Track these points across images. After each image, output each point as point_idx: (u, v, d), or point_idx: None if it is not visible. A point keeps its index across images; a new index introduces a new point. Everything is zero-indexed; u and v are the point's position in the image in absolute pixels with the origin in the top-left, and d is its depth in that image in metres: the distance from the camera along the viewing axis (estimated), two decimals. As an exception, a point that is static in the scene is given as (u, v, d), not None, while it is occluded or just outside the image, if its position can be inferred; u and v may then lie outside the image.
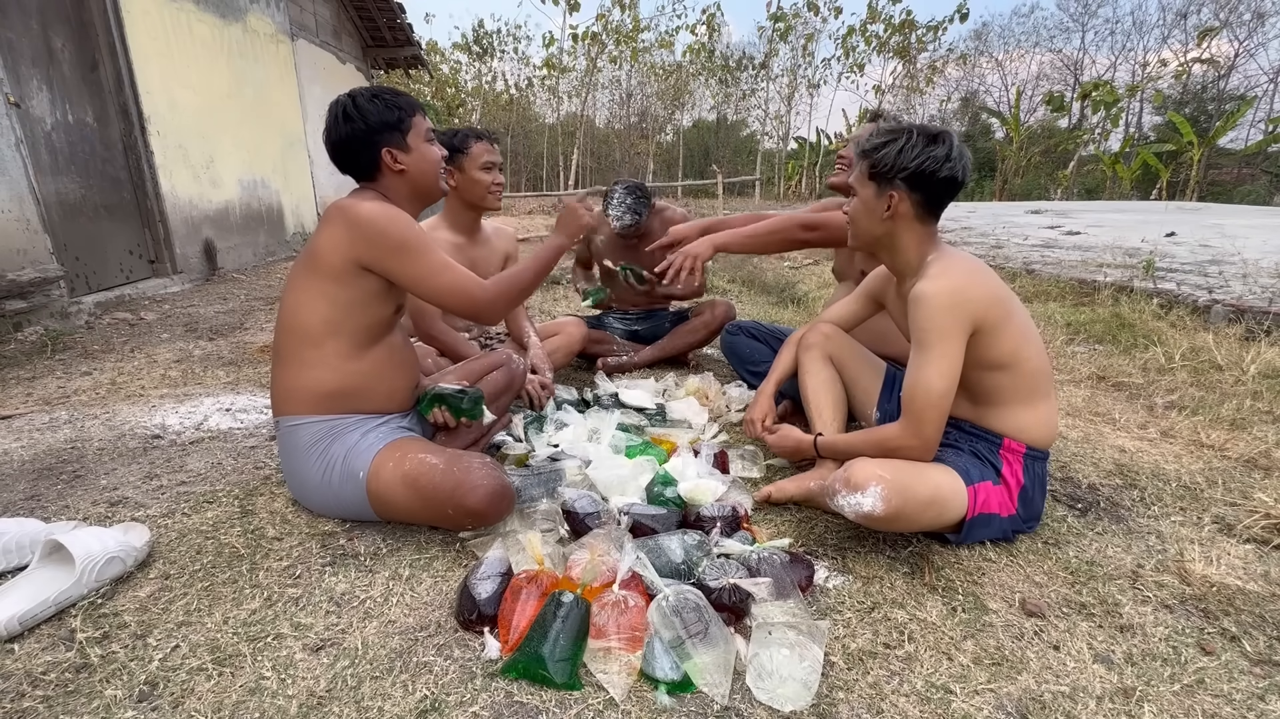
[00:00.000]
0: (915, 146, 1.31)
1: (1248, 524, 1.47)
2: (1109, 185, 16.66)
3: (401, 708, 0.95)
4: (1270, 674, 1.05)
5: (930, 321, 1.27)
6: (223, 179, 4.97)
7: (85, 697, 0.95)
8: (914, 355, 1.31)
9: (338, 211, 1.31)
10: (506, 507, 1.33)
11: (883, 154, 1.34)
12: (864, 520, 1.24)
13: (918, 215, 1.36)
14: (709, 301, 2.74)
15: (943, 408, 1.28)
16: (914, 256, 1.40)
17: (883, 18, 17.50)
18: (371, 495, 1.33)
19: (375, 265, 1.32)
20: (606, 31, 16.87)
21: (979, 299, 1.28)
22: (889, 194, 1.36)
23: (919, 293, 1.29)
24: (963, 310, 1.26)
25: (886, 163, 1.34)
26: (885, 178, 1.35)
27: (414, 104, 1.42)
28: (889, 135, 1.35)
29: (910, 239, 1.39)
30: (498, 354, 1.85)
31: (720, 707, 0.96)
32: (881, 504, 1.21)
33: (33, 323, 3.03)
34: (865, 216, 1.42)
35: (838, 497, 1.27)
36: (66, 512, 1.48)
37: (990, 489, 1.34)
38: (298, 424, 1.38)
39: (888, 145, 1.34)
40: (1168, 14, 25.25)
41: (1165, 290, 3.67)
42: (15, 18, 3.20)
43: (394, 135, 1.38)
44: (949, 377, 1.27)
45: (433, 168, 1.45)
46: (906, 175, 1.32)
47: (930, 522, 1.29)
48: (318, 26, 7.00)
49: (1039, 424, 1.37)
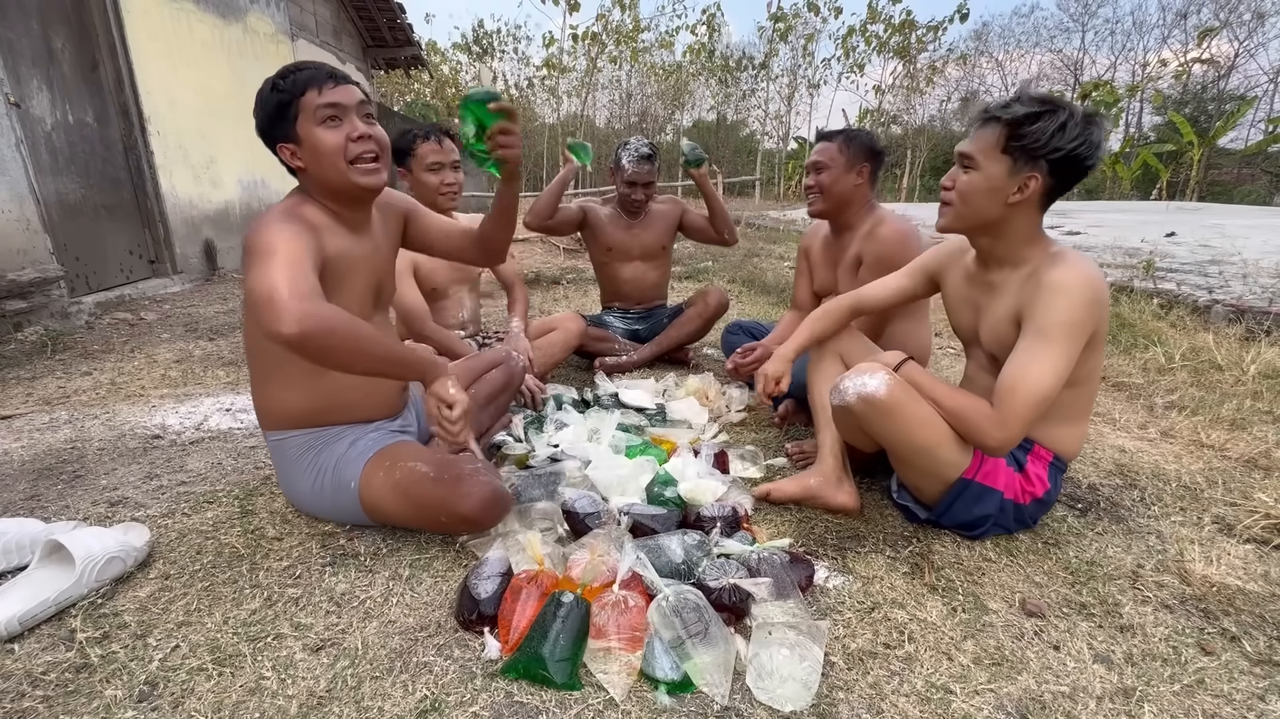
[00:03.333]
0: (1078, 126, 1.13)
1: (1248, 524, 1.47)
2: (1109, 185, 16.65)
3: (401, 708, 0.94)
4: (1270, 674, 1.05)
5: (1065, 314, 1.14)
6: (223, 179, 4.98)
7: (85, 697, 0.95)
8: (1031, 344, 1.17)
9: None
10: (501, 511, 1.30)
11: (1035, 128, 1.14)
12: (862, 404, 1.22)
13: (1041, 203, 1.22)
14: (702, 291, 2.70)
15: (1041, 410, 1.16)
16: (1026, 246, 1.26)
17: (883, 18, 17.47)
18: (365, 504, 1.32)
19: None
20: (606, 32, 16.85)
21: (1107, 305, 1.19)
22: (1027, 175, 1.17)
23: (1060, 281, 1.16)
24: (1097, 309, 1.16)
25: (1038, 139, 1.14)
26: (1030, 155, 1.16)
27: (305, 80, 1.18)
28: (1041, 106, 1.15)
29: (1026, 227, 1.24)
30: (495, 352, 1.84)
31: (720, 707, 0.96)
32: (884, 389, 1.19)
33: (33, 323, 3.03)
34: (986, 196, 1.22)
35: (844, 380, 1.25)
36: (66, 512, 1.48)
37: (1003, 467, 1.31)
38: (282, 438, 1.37)
39: (1042, 119, 1.13)
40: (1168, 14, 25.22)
41: (1165, 290, 3.67)
42: (15, 18, 3.20)
43: (283, 126, 1.19)
44: (1061, 376, 1.15)
45: (327, 157, 1.20)
46: (1059, 157, 1.14)
47: (924, 445, 1.25)
48: (318, 27, 7.00)
49: (1073, 439, 1.36)
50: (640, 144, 2.53)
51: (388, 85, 14.66)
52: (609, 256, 2.71)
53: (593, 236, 2.71)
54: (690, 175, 2.53)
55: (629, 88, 20.50)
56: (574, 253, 6.52)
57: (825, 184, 1.90)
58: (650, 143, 2.55)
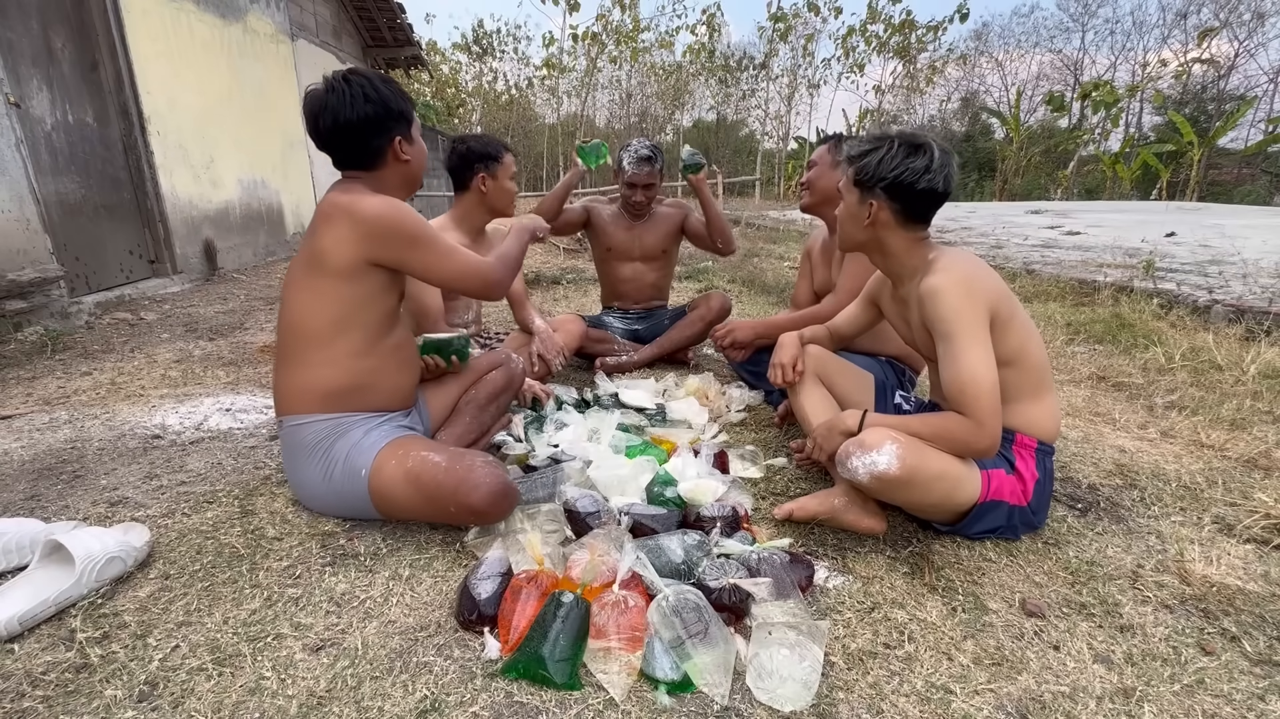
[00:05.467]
0: (895, 157, 1.31)
1: (1248, 524, 1.47)
2: (1109, 185, 16.66)
3: (401, 708, 0.94)
4: (1270, 674, 1.05)
5: (953, 311, 1.25)
6: (223, 179, 4.97)
7: (85, 697, 0.95)
8: (946, 350, 1.27)
9: (338, 210, 1.29)
10: (509, 505, 1.32)
11: (864, 162, 1.36)
12: (877, 483, 1.23)
13: (900, 223, 1.37)
14: (704, 295, 2.73)
15: (996, 396, 1.22)
16: (906, 260, 1.41)
17: (883, 18, 17.49)
18: (374, 493, 1.33)
19: (387, 260, 1.33)
20: (606, 31, 16.85)
21: (991, 289, 1.28)
22: (869, 202, 1.37)
23: (932, 287, 1.28)
24: (979, 298, 1.26)
25: (867, 171, 1.35)
26: (866, 186, 1.37)
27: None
28: (872, 143, 1.36)
29: (898, 244, 1.40)
30: (496, 354, 1.85)
31: (720, 707, 0.96)
32: (897, 463, 1.20)
33: (33, 323, 3.03)
34: (849, 222, 1.44)
35: (851, 458, 1.25)
36: (66, 512, 1.48)
37: (1003, 477, 1.34)
38: (302, 423, 1.38)
39: (869, 154, 1.35)
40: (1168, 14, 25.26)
41: (1165, 290, 3.67)
42: (15, 18, 3.20)
43: (404, 125, 1.39)
44: (990, 362, 1.23)
45: (424, 161, 1.49)
46: (885, 185, 1.33)
47: (942, 496, 1.28)
48: (318, 26, 7.00)
49: (1046, 418, 1.38)
50: (642, 146, 2.54)
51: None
52: (609, 256, 2.72)
53: (595, 236, 2.73)
54: (689, 182, 2.53)
55: (629, 88, 20.49)
56: (574, 253, 6.52)
57: (812, 179, 2.05)
58: (652, 144, 2.56)
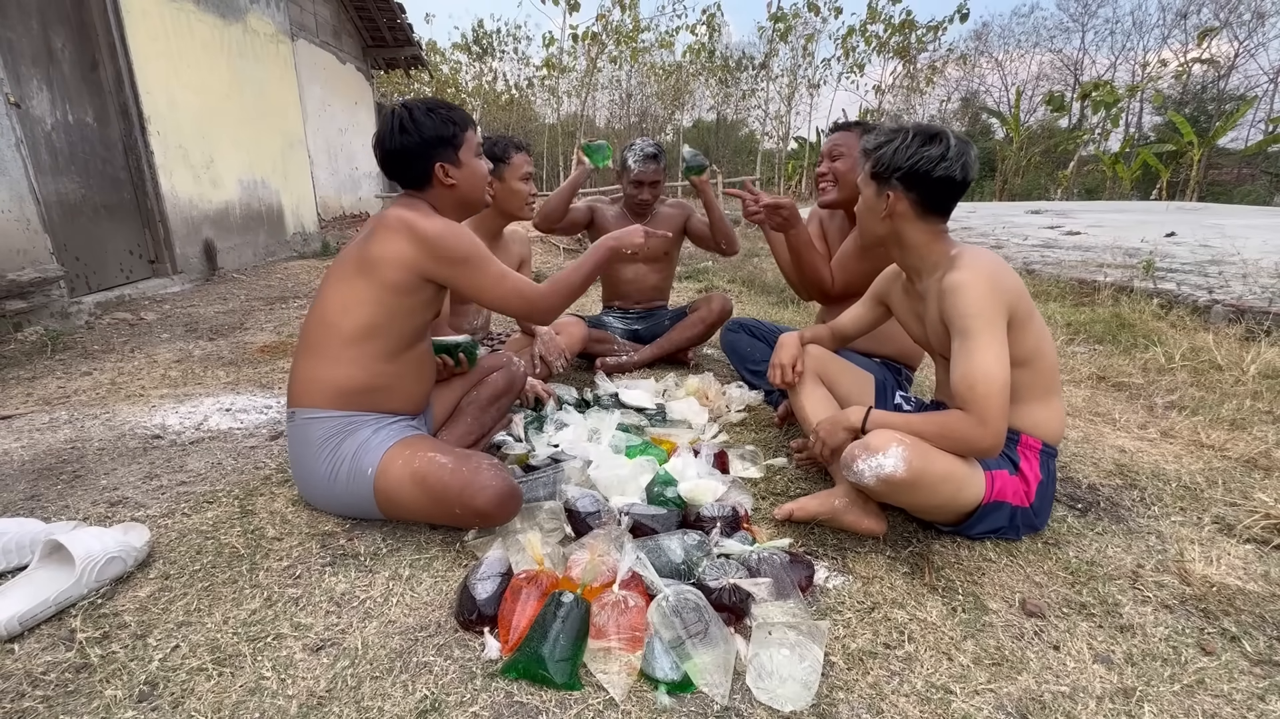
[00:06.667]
0: (910, 146, 1.31)
1: (1248, 524, 1.47)
2: (1109, 185, 16.64)
3: (401, 708, 0.95)
4: (1270, 674, 1.05)
5: (974, 307, 1.24)
6: (223, 179, 4.97)
7: (85, 697, 0.95)
8: (961, 345, 1.25)
9: (401, 225, 1.33)
10: (514, 508, 1.33)
11: (879, 153, 1.35)
12: (883, 486, 1.23)
13: (918, 214, 1.36)
14: (705, 297, 2.73)
15: (1006, 396, 1.21)
16: (926, 254, 1.39)
17: (883, 18, 17.47)
18: (379, 492, 1.33)
19: (438, 277, 1.37)
20: (606, 31, 16.83)
21: (1012, 288, 1.28)
22: (886, 194, 1.36)
23: (956, 281, 1.27)
24: (1001, 296, 1.25)
25: (883, 162, 1.34)
26: (883, 177, 1.36)
27: (467, 119, 1.46)
28: (888, 135, 1.36)
29: (917, 237, 1.38)
30: (498, 356, 1.86)
31: (720, 707, 0.96)
32: (903, 465, 1.20)
33: (33, 323, 3.03)
34: (868, 216, 1.43)
35: (856, 462, 1.25)
36: (66, 512, 1.48)
37: (1007, 478, 1.34)
38: (314, 417, 1.38)
39: (885, 145, 1.35)
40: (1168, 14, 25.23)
41: (1165, 290, 3.67)
42: (15, 18, 3.19)
43: (447, 150, 1.42)
44: (1004, 361, 1.22)
45: (480, 182, 1.50)
46: (901, 175, 1.33)
47: (947, 498, 1.28)
48: (318, 27, 7.00)
49: (1053, 420, 1.38)
50: (646, 144, 2.54)
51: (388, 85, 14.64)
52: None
53: (598, 236, 2.72)
54: (691, 183, 2.53)
55: (629, 88, 20.50)
56: (574, 253, 6.52)
57: (840, 171, 1.90)
58: (656, 143, 2.56)
